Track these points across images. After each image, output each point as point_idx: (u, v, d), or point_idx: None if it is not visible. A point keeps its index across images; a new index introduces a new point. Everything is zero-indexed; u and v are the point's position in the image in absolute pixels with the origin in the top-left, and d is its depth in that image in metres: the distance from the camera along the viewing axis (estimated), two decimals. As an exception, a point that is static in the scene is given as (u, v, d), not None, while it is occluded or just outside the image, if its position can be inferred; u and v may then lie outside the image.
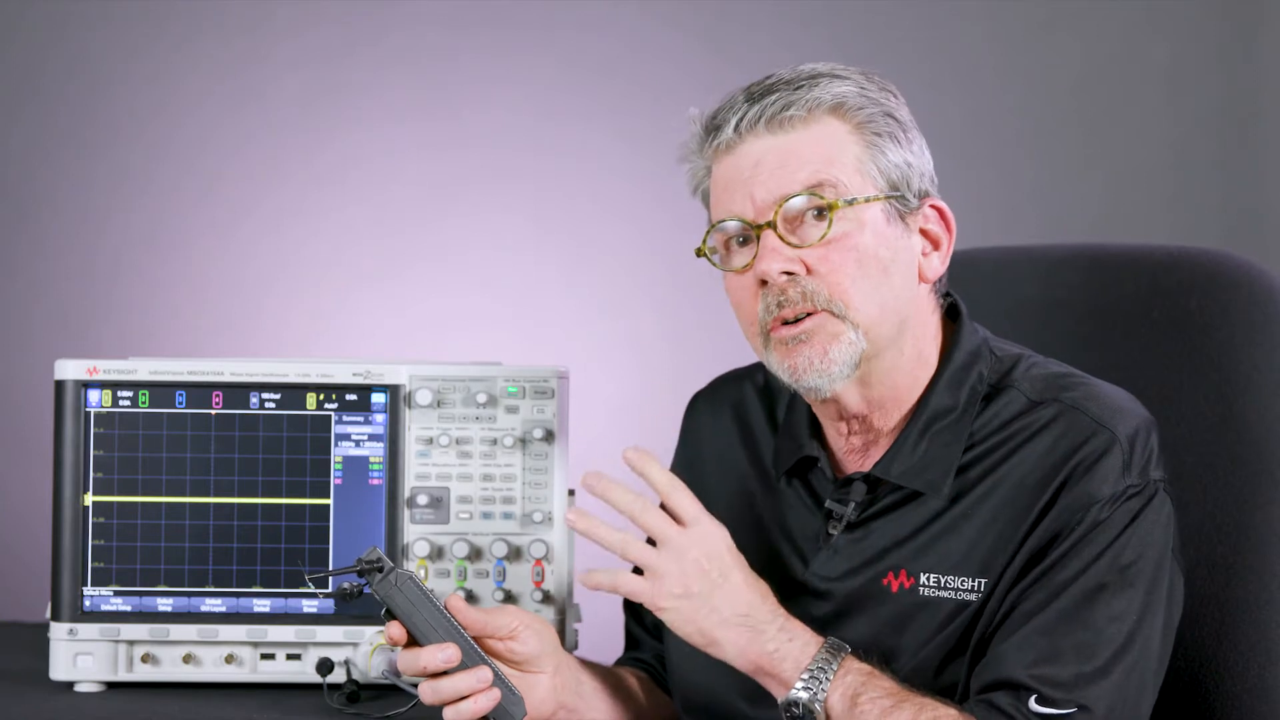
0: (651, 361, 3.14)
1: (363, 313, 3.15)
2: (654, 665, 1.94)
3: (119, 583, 1.94)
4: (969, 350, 1.73)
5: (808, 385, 1.68)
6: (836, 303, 1.65)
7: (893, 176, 1.68)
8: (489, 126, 3.16)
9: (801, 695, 1.64)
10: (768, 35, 3.13)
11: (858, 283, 1.66)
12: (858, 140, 1.67)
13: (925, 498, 1.69)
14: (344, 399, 1.94)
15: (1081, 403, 1.66)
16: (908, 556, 1.69)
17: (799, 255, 1.65)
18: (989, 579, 1.65)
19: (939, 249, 1.72)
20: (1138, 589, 1.62)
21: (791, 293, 1.66)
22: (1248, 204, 3.17)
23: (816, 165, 1.66)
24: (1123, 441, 1.63)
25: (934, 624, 1.66)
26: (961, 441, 1.69)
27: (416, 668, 1.69)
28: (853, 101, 1.67)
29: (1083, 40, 3.17)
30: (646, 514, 1.70)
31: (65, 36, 3.13)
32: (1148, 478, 1.64)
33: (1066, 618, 1.60)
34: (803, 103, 1.66)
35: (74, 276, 3.13)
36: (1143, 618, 1.62)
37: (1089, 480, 1.62)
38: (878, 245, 1.67)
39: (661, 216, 3.14)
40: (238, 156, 3.15)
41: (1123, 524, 1.62)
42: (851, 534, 1.72)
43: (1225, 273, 1.87)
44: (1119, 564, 1.61)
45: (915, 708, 1.61)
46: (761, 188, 1.66)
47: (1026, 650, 1.60)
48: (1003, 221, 2.90)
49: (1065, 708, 1.58)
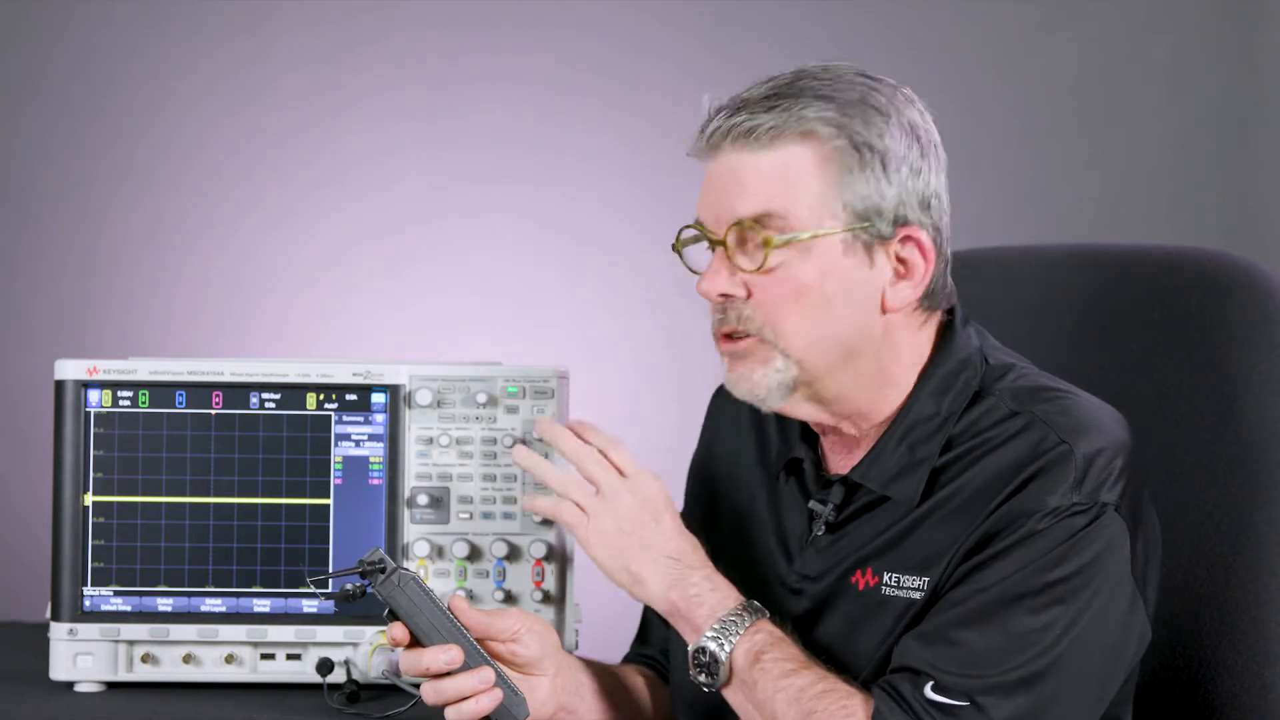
0: (651, 361, 3.14)
1: (363, 313, 3.15)
2: (659, 661, 1.95)
3: (119, 583, 1.94)
4: (959, 359, 1.71)
5: (743, 399, 1.71)
6: (767, 330, 1.66)
7: (860, 208, 1.64)
8: (489, 126, 3.16)
9: (709, 644, 1.68)
10: (768, 35, 3.13)
11: (792, 315, 1.65)
12: (822, 172, 1.64)
13: (897, 500, 1.69)
14: (344, 399, 1.94)
15: (1052, 416, 1.63)
16: (874, 555, 1.69)
17: (743, 279, 1.66)
18: (931, 578, 1.64)
19: (910, 278, 1.68)
20: (1066, 608, 1.58)
21: (729, 314, 1.68)
22: (1248, 204, 3.17)
23: (770, 194, 1.64)
24: (1078, 459, 1.60)
25: (887, 622, 1.66)
26: (938, 447, 1.68)
27: (419, 668, 1.69)
28: (824, 131, 1.63)
29: (1083, 40, 3.17)
30: (588, 462, 1.77)
31: (65, 36, 3.13)
32: (1096, 499, 1.60)
33: (980, 617, 1.59)
34: (767, 127, 1.63)
35: (74, 276, 3.13)
36: (1069, 639, 1.58)
37: (1035, 490, 1.60)
38: (823, 279, 1.65)
39: (661, 216, 3.11)
40: (238, 156, 3.15)
41: (1060, 539, 1.59)
42: (831, 535, 1.73)
43: (1225, 273, 1.87)
44: (1045, 578, 1.58)
45: (815, 676, 1.63)
46: (720, 205, 1.67)
47: (934, 641, 1.60)
48: (1003, 221, 2.90)
49: (959, 699, 1.57)
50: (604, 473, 1.77)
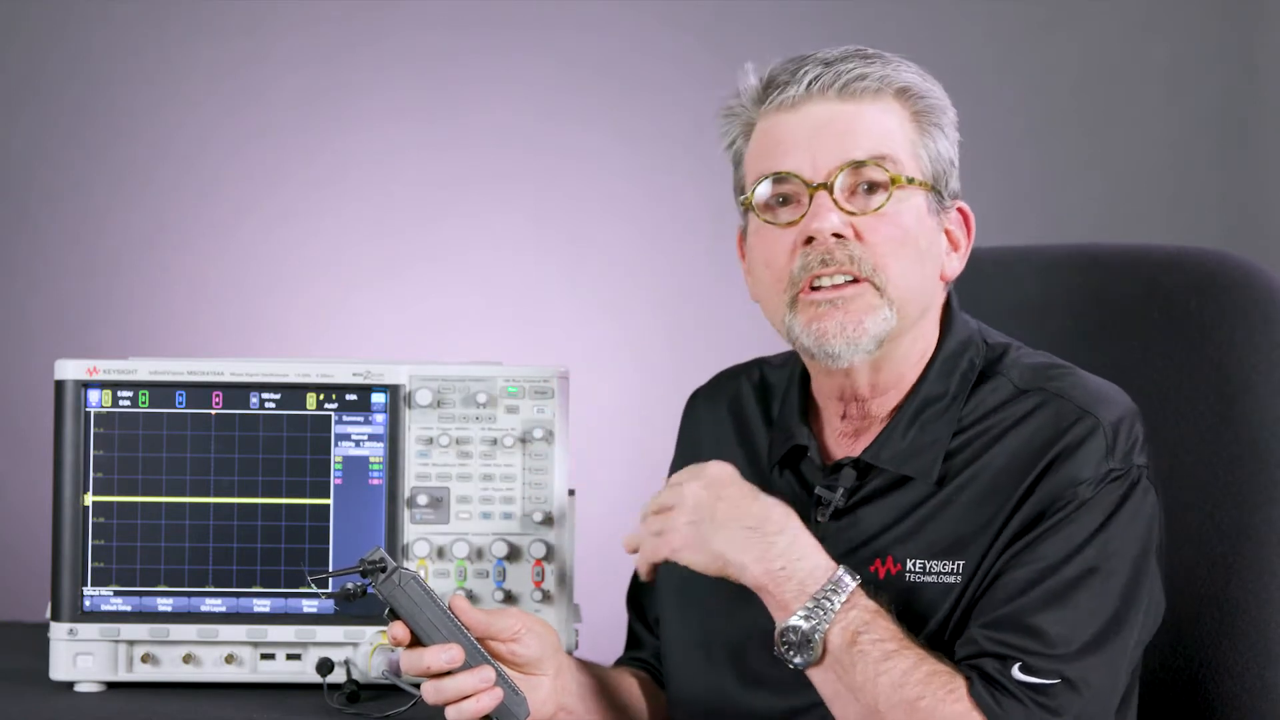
0: (651, 361, 3.13)
1: (363, 313, 3.14)
2: (654, 664, 1.95)
3: (119, 583, 1.94)
4: (961, 339, 1.75)
5: (831, 350, 1.68)
6: (879, 274, 1.67)
7: (937, 169, 1.72)
8: (489, 126, 3.16)
9: (800, 623, 1.63)
10: (768, 35, 3.12)
11: (900, 260, 1.68)
12: (914, 126, 1.71)
13: (912, 483, 1.70)
14: (344, 399, 1.94)
15: (1067, 391, 1.67)
16: (894, 542, 1.69)
17: (850, 221, 1.67)
18: (966, 561, 1.65)
19: (958, 251, 1.75)
20: (1120, 577, 1.62)
21: (839, 254, 1.67)
22: (1248, 204, 3.17)
23: (880, 138, 1.69)
24: (1106, 427, 1.64)
25: (919, 608, 1.66)
26: (951, 427, 1.70)
27: (420, 668, 1.69)
28: (918, 88, 1.71)
29: (1083, 40, 3.17)
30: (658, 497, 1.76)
31: (65, 36, 3.12)
32: (1130, 462, 1.64)
33: (1055, 599, 1.60)
34: (877, 76, 1.70)
35: (74, 276, 3.13)
36: (1125, 607, 1.62)
37: (1072, 463, 1.63)
38: (919, 230, 1.70)
39: (661, 216, 3.14)
40: (238, 156, 3.14)
41: (1108, 509, 1.62)
42: (840, 521, 1.73)
43: (1225, 273, 1.87)
44: (1107, 550, 1.61)
45: (916, 657, 1.61)
46: (824, 150, 1.68)
47: (1012, 627, 1.60)
48: (1003, 221, 2.89)
49: (1049, 677, 1.58)
50: (668, 489, 1.75)
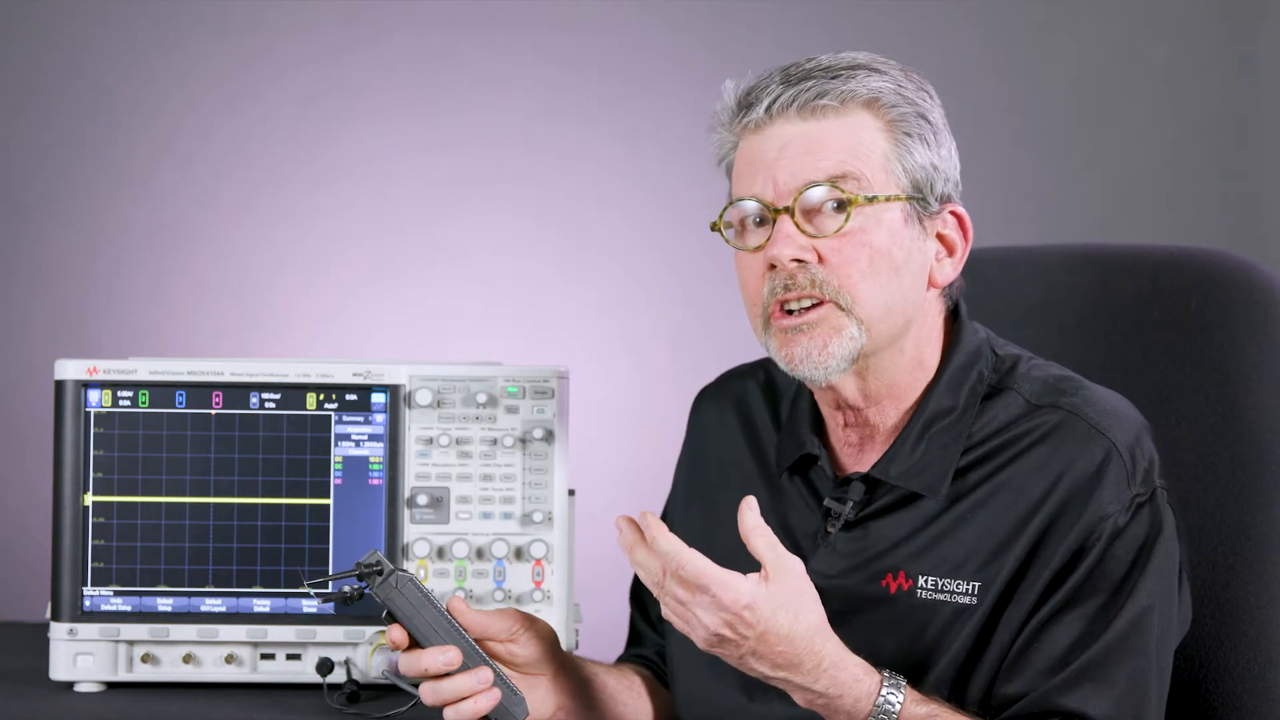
0: (651, 361, 3.13)
1: (363, 313, 3.14)
2: (656, 661, 1.94)
3: (119, 583, 1.94)
4: (970, 351, 1.74)
5: (803, 375, 1.69)
6: (844, 295, 1.66)
7: (916, 178, 1.68)
8: (489, 126, 3.16)
9: None
10: (768, 35, 3.12)
11: (867, 279, 1.66)
12: (887, 138, 1.67)
13: (923, 499, 1.69)
14: (344, 399, 1.94)
15: (1080, 408, 1.66)
16: (905, 558, 1.68)
17: (813, 244, 1.66)
18: (984, 583, 1.65)
19: (953, 255, 1.73)
20: (1167, 594, 1.65)
21: (800, 278, 1.66)
22: (1247, 204, 3.17)
23: (842, 157, 1.66)
24: (1122, 450, 1.64)
25: (933, 627, 1.66)
26: (960, 443, 1.69)
27: (418, 669, 1.69)
28: (887, 98, 1.67)
29: (1083, 40, 3.17)
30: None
31: (65, 36, 3.12)
32: (1152, 484, 1.65)
33: (1121, 650, 1.61)
34: (837, 93, 1.66)
35: (74, 276, 3.13)
36: (1165, 629, 1.65)
37: (1097, 495, 1.63)
38: (892, 244, 1.67)
39: (661, 216, 3.14)
40: (238, 156, 3.14)
41: (1140, 537, 1.63)
42: (849, 533, 1.72)
43: (1225, 273, 1.87)
44: (1151, 585, 1.62)
45: None
46: (785, 172, 1.66)
47: (1083, 681, 1.60)
48: (1003, 221, 2.89)
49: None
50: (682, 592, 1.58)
